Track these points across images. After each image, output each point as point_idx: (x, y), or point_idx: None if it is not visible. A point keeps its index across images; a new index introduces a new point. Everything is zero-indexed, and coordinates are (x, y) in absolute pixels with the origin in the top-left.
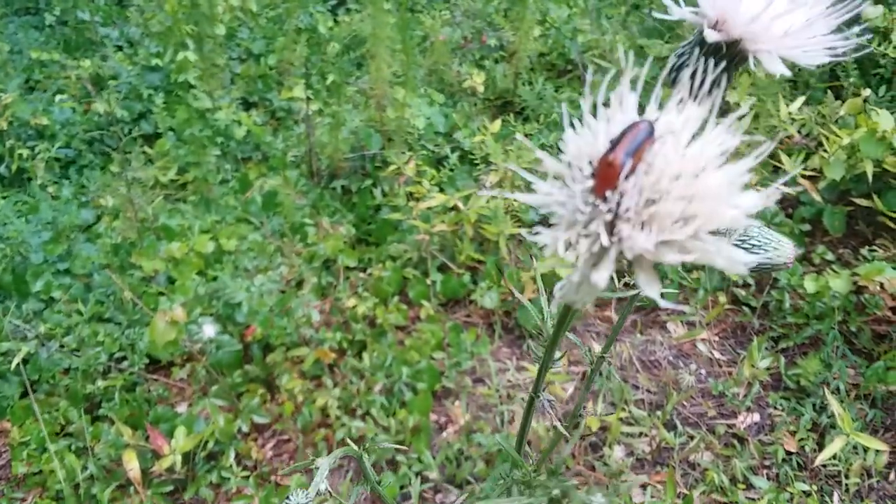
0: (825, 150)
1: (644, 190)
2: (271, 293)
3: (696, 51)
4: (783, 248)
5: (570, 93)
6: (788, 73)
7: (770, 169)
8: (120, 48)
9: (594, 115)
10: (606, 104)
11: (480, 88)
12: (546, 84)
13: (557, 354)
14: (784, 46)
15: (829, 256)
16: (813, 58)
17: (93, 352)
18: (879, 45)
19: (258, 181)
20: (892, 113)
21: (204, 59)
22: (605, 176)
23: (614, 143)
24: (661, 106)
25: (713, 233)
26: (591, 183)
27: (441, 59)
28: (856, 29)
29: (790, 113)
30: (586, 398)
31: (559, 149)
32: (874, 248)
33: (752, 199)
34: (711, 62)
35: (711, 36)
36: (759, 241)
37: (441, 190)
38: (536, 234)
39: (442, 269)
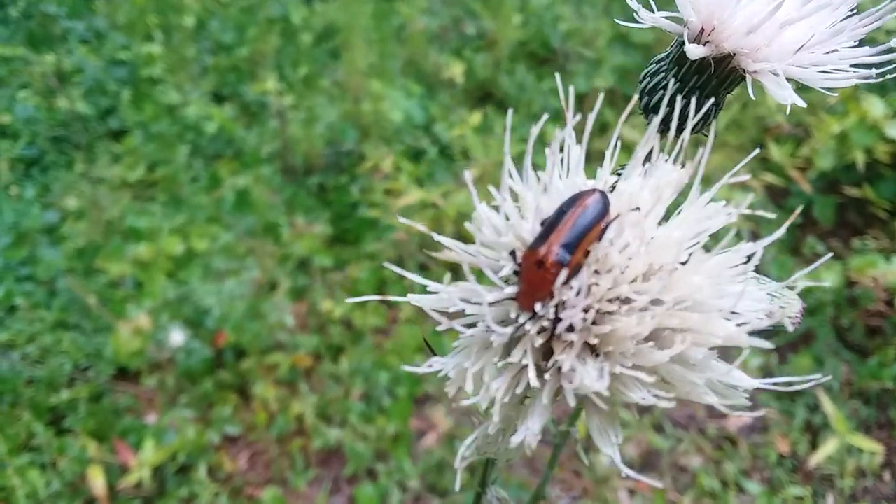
0: (815, 138)
1: (595, 298)
2: (243, 297)
3: (675, 70)
4: (789, 309)
5: (553, 83)
6: (802, 103)
7: (758, 159)
8: (86, 41)
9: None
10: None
11: (460, 79)
12: (527, 73)
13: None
14: (796, 65)
15: (820, 248)
16: (836, 80)
17: (57, 361)
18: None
19: (230, 179)
20: (882, 98)
21: (173, 51)
22: (534, 279)
23: (548, 228)
24: (618, 164)
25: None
26: (513, 289)
27: (419, 48)
28: (894, 41)
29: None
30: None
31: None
32: (866, 238)
33: (758, 303)
34: (694, 85)
35: (694, 52)
36: None
37: (420, 185)
38: (431, 365)
39: (422, 267)
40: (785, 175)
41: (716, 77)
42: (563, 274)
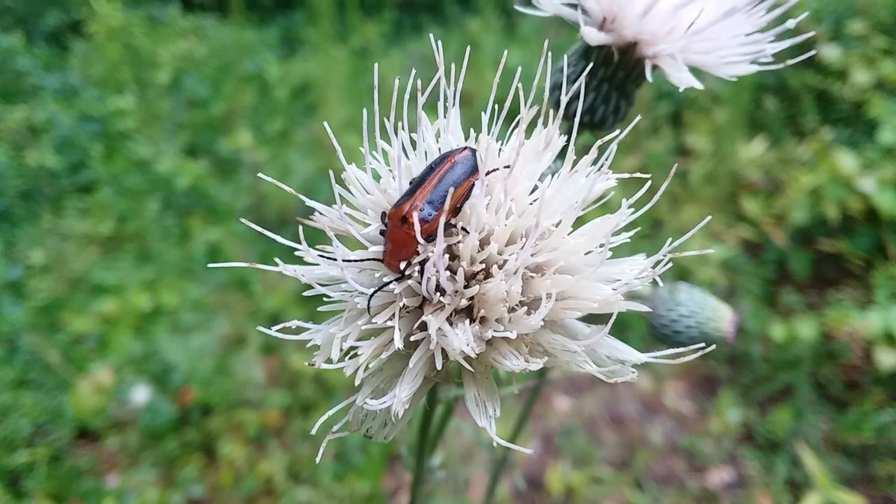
0: (787, 194)
1: (464, 258)
2: (212, 352)
3: (583, 63)
4: (719, 318)
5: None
6: (699, 86)
7: (732, 214)
8: (58, 97)
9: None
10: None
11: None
12: (504, 130)
13: (437, 460)
14: (693, 51)
15: (795, 300)
16: (732, 67)
17: (16, 421)
18: (834, 83)
19: (202, 233)
20: (853, 150)
21: (146, 106)
22: (398, 237)
23: (416, 185)
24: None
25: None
26: (378, 248)
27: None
28: (791, 22)
29: (751, 159)
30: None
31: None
32: (841, 291)
33: (635, 267)
34: (601, 78)
35: (592, 36)
36: (689, 311)
37: None
38: (299, 331)
39: None
40: (760, 229)
41: (621, 68)
42: (419, 228)
